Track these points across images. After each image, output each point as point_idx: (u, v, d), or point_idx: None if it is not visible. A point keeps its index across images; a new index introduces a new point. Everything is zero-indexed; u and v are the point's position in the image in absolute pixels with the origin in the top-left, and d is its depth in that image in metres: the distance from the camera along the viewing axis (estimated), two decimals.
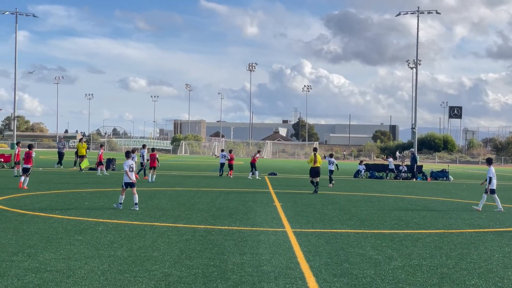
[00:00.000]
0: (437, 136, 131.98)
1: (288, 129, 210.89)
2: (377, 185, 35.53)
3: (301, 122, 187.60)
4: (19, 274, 9.29)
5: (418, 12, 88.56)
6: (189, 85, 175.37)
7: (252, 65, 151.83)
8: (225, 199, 22.98)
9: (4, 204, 18.68)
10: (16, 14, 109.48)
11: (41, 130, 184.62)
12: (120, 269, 9.91)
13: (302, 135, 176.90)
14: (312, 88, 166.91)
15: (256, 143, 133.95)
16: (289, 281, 9.45)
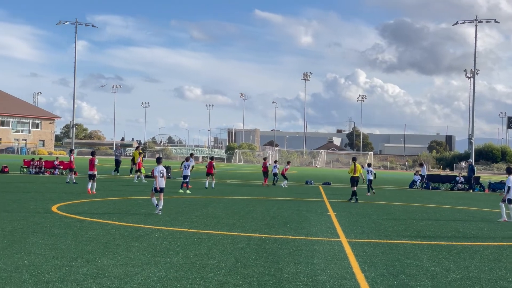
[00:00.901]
0: (495, 147, 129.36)
1: (342, 139, 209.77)
2: (433, 195, 35.02)
3: (356, 132, 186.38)
4: (78, 279, 9.47)
5: (476, 21, 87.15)
6: (243, 94, 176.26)
7: (307, 74, 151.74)
8: (279, 208, 22.98)
9: (63, 210, 19.06)
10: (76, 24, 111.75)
11: (98, 138, 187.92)
12: (176, 276, 10.00)
13: (357, 144, 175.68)
14: (366, 97, 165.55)
15: (310, 152, 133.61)
16: None
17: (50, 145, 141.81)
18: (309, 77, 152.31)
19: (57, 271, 9.97)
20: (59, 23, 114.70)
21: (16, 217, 16.91)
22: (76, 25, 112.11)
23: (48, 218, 17.00)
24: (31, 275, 9.56)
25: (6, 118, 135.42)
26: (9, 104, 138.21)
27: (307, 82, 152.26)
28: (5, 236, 13.33)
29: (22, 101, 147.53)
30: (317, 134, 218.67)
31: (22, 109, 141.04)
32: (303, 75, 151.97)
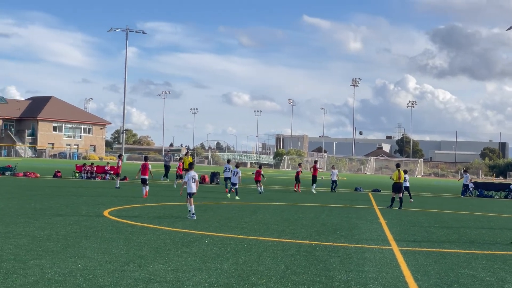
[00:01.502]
0: None
1: (392, 145, 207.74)
2: (486, 204, 34.40)
3: (405, 138, 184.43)
4: (131, 283, 9.56)
5: None
6: (292, 100, 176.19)
7: (356, 80, 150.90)
8: (328, 215, 22.86)
9: (115, 215, 19.29)
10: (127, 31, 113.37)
11: (147, 144, 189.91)
12: (226, 282, 10.01)
13: (406, 151, 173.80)
14: (416, 103, 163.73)
15: (359, 159, 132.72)
16: None
17: (100, 150, 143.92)
18: (358, 83, 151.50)
19: (110, 275, 10.08)
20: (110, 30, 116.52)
21: (69, 221, 17.19)
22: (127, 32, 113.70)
23: (100, 222, 17.23)
24: (85, 279, 9.68)
25: (59, 124, 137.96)
26: (62, 110, 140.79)
27: (356, 88, 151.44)
28: (59, 240, 13.55)
29: (74, 107, 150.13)
30: (366, 140, 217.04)
31: (74, 114, 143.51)
32: (352, 81, 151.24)
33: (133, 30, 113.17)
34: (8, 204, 21.47)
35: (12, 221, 16.57)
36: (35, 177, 41.69)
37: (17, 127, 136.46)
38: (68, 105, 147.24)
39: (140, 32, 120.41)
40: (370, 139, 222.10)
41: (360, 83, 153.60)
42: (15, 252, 11.85)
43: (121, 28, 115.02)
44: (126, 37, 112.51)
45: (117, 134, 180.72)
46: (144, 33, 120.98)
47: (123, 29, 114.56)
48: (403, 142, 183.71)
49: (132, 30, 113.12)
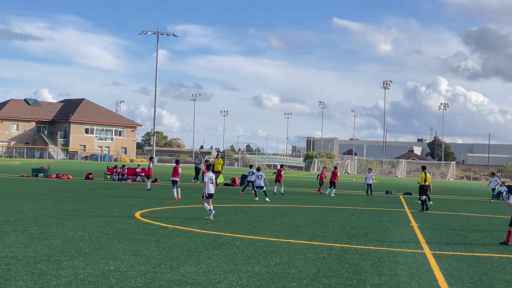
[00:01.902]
0: None
1: (423, 148, 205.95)
2: None
3: (437, 141, 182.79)
4: (162, 285, 9.60)
5: None
6: (322, 103, 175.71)
7: (387, 82, 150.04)
8: (359, 217, 22.75)
9: (146, 217, 19.41)
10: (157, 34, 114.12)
11: (178, 146, 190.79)
12: (258, 284, 10.01)
13: (438, 154, 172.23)
14: (448, 106, 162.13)
15: (390, 162, 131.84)
16: None
17: (131, 153, 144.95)
18: (389, 85, 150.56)
19: (142, 277, 10.14)
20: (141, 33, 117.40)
21: (101, 223, 17.33)
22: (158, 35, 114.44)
23: (131, 224, 17.34)
24: (117, 280, 9.75)
25: (91, 126, 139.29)
26: (93, 112, 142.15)
27: (386, 90, 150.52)
28: (91, 242, 13.67)
29: (105, 109, 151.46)
30: (397, 143, 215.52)
31: (105, 117, 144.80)
32: (383, 83, 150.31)
33: (164, 33, 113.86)
34: (42, 205, 21.72)
35: (45, 223, 16.76)
36: (67, 179, 42.12)
37: (50, 129, 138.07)
38: (99, 108, 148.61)
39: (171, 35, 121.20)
40: (401, 142, 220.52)
41: (391, 86, 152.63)
42: (49, 253, 11.98)
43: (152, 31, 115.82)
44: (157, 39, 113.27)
45: (148, 136, 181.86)
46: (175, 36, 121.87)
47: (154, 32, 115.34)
48: (435, 145, 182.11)
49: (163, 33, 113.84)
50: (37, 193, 27.39)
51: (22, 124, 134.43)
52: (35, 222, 16.71)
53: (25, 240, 13.43)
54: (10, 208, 20.32)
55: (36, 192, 28.26)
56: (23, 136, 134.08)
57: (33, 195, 26.12)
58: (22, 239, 13.56)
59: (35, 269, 10.36)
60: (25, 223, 16.51)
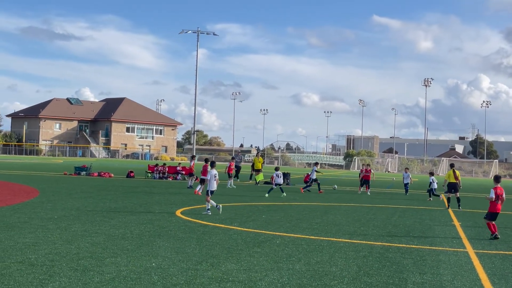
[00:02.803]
0: None
1: (465, 146, 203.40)
2: None
3: (479, 139, 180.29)
4: (204, 282, 9.65)
5: None
6: (362, 101, 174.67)
7: (428, 80, 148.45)
8: (401, 216, 22.56)
9: (186, 215, 19.53)
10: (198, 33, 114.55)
11: (218, 144, 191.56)
12: (299, 282, 10.00)
13: (480, 152, 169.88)
14: (491, 103, 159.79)
15: (431, 160, 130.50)
16: None
17: (172, 151, 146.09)
18: (430, 82, 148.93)
19: (184, 274, 10.21)
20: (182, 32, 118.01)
21: (143, 220, 17.50)
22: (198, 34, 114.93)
23: (172, 222, 17.47)
24: (159, 277, 9.84)
25: (132, 125, 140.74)
26: (134, 111, 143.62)
27: (427, 88, 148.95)
28: (133, 239, 13.81)
29: (146, 108, 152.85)
30: (438, 141, 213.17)
31: (146, 116, 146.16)
32: (424, 81, 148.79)
33: (204, 32, 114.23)
34: (84, 203, 22.01)
35: (88, 220, 16.98)
36: (109, 177, 42.61)
37: (92, 128, 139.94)
38: (140, 106, 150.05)
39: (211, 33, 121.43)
40: (442, 140, 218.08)
41: (432, 83, 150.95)
42: (91, 250, 12.14)
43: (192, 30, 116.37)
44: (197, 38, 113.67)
45: (188, 135, 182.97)
46: (215, 35, 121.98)
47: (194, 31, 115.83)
48: (477, 143, 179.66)
49: (203, 32, 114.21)
50: (79, 191, 27.76)
51: (64, 123, 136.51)
52: (78, 220, 16.95)
53: (68, 237, 13.64)
54: (53, 205, 20.64)
55: (78, 190, 28.65)
56: (66, 135, 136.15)
57: (76, 193, 26.48)
58: (65, 236, 13.77)
59: (78, 265, 10.50)
60: (68, 220, 16.76)
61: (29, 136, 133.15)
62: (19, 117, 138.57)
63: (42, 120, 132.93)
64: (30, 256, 11.18)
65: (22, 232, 14.05)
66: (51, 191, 26.90)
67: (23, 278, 9.39)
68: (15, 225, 15.27)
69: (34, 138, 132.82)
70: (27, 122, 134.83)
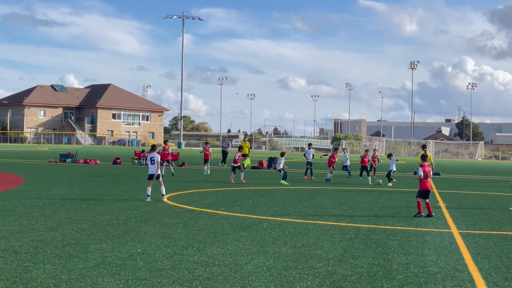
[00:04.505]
0: None
1: (451, 128, 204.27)
2: None
3: (465, 121, 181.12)
4: (190, 267, 9.66)
5: None
6: (349, 84, 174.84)
7: (414, 63, 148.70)
8: (387, 198, 22.65)
9: (173, 200, 19.52)
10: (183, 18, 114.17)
11: (205, 130, 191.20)
12: (285, 265, 10.03)
13: (466, 134, 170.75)
14: (476, 85, 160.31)
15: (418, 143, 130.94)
16: (457, 283, 9.13)
17: (159, 137, 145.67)
18: (417, 65, 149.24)
19: (169, 259, 10.21)
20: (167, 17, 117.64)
21: (129, 206, 17.46)
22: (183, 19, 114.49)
23: (159, 208, 17.45)
24: (145, 263, 9.83)
25: (118, 111, 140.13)
26: (120, 98, 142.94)
27: (411, 71, 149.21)
28: (119, 225, 13.78)
29: (132, 94, 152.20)
30: (425, 123, 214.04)
31: (132, 102, 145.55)
32: (410, 64, 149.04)
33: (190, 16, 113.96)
34: (70, 190, 21.94)
35: (73, 207, 16.93)
36: (95, 164, 42.46)
37: (77, 115, 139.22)
38: (126, 93, 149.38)
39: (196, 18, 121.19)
40: (429, 123, 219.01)
41: (417, 66, 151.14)
42: (76, 236, 12.10)
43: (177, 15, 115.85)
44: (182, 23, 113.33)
45: (175, 121, 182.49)
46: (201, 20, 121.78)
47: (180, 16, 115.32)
48: (463, 125, 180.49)
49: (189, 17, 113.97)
50: (65, 179, 27.66)
51: (49, 110, 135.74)
52: (63, 207, 16.88)
53: (53, 224, 13.59)
54: (38, 193, 20.56)
55: (64, 177, 28.54)
56: (51, 122, 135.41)
57: (61, 181, 26.38)
58: (50, 223, 13.72)
59: (63, 252, 10.47)
60: (53, 207, 16.69)
61: (14, 123, 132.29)
62: (2, 105, 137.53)
63: (26, 107, 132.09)
64: (14, 243, 11.13)
65: (6, 220, 13.99)
66: (36, 179, 26.78)
67: (6, 265, 9.35)
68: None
69: (18, 126, 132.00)
70: (11, 109, 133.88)
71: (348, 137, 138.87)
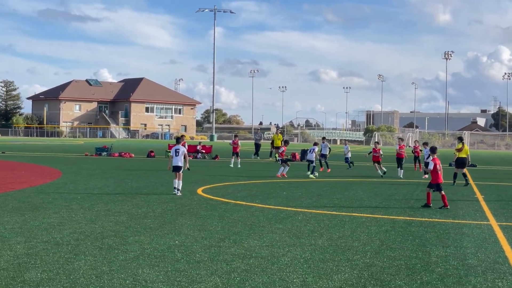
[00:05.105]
0: None
1: (487, 119, 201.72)
2: None
3: (501, 112, 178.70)
4: (227, 259, 9.70)
5: None
6: (381, 76, 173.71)
7: (448, 53, 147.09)
8: (422, 190, 22.43)
9: (208, 193, 19.60)
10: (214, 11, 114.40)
11: (237, 123, 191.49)
12: (322, 257, 10.02)
13: (503, 125, 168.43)
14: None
15: (452, 134, 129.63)
16: (498, 276, 9.04)
17: (191, 130, 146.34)
18: (451, 56, 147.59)
19: (207, 251, 10.27)
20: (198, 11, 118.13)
21: (164, 199, 17.59)
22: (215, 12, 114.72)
23: (194, 200, 17.55)
24: (183, 255, 9.90)
25: (151, 105, 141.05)
26: (153, 91, 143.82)
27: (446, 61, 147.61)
28: (156, 218, 13.90)
29: (165, 88, 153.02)
30: (460, 114, 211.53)
31: (165, 95, 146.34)
32: (444, 54, 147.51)
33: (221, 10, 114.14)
34: (106, 183, 22.17)
35: (111, 199, 17.11)
36: (129, 157, 42.83)
37: (111, 108, 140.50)
38: (159, 86, 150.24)
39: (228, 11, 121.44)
40: (463, 113, 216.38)
41: (452, 56, 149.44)
42: (115, 228, 12.24)
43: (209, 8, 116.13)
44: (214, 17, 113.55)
45: (207, 113, 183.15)
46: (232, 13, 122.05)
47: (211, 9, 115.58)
48: (499, 116, 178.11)
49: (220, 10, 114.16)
50: (101, 172, 27.95)
51: (84, 105, 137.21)
52: (100, 199, 17.08)
53: (92, 217, 13.76)
54: (76, 186, 20.82)
55: (100, 170, 28.84)
56: (86, 116, 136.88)
57: (97, 174, 26.67)
58: (89, 216, 13.89)
59: (103, 244, 10.60)
60: (91, 200, 16.90)
61: (50, 118, 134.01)
62: (39, 100, 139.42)
63: (62, 102, 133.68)
64: (56, 235, 11.30)
65: (46, 213, 14.20)
66: (73, 172, 27.11)
67: (49, 257, 9.49)
68: (40, 205, 15.43)
69: (54, 120, 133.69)
70: (47, 104, 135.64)
71: (380, 129, 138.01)
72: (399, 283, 8.54)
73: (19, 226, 12.22)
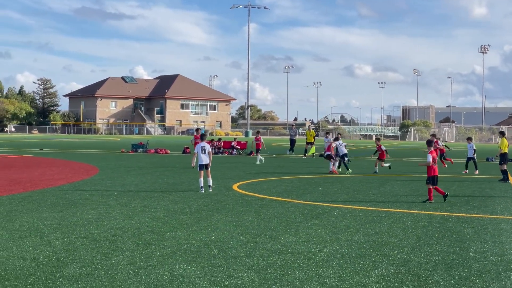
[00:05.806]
0: None
1: None
2: None
3: None
4: (264, 255, 9.73)
5: None
6: (417, 70, 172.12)
7: (485, 47, 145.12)
8: (459, 186, 22.25)
9: (243, 189, 19.66)
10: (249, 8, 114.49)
11: (272, 118, 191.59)
12: (358, 253, 9.99)
13: None
14: None
15: (490, 128, 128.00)
16: None
17: (226, 126, 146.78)
18: (487, 49, 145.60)
19: (243, 246, 10.30)
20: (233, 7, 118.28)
21: (200, 195, 17.68)
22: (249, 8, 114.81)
23: (230, 196, 17.61)
24: (219, 250, 9.95)
25: (186, 101, 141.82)
26: (188, 88, 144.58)
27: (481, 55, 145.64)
28: (192, 214, 13.98)
29: (199, 84, 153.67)
30: (497, 109, 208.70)
31: (200, 92, 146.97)
32: (480, 48, 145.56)
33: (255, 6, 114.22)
34: (143, 179, 22.36)
35: (147, 196, 17.26)
36: (165, 154, 43.11)
37: (147, 105, 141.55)
38: (194, 83, 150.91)
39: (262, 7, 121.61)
40: (501, 108, 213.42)
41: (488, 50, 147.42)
42: (152, 224, 12.35)
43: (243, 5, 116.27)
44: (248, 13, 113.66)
45: (242, 110, 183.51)
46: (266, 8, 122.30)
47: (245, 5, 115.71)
48: None
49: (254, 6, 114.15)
50: (137, 168, 28.20)
51: (120, 102, 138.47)
52: (137, 196, 17.24)
53: (128, 213, 13.90)
54: (112, 182, 21.04)
55: (136, 166, 29.10)
56: (122, 113, 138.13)
57: (134, 170, 26.91)
58: (126, 212, 14.03)
59: (140, 240, 10.71)
60: (127, 196, 17.06)
61: (86, 115, 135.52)
62: (76, 97, 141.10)
63: (99, 99, 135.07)
64: (93, 231, 11.45)
65: (84, 209, 14.38)
66: (110, 169, 27.39)
67: (87, 252, 9.62)
68: (77, 202, 15.63)
69: (91, 117, 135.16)
70: (84, 101, 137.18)
71: (416, 124, 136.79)
72: (436, 278, 8.48)
73: (57, 222, 12.41)
